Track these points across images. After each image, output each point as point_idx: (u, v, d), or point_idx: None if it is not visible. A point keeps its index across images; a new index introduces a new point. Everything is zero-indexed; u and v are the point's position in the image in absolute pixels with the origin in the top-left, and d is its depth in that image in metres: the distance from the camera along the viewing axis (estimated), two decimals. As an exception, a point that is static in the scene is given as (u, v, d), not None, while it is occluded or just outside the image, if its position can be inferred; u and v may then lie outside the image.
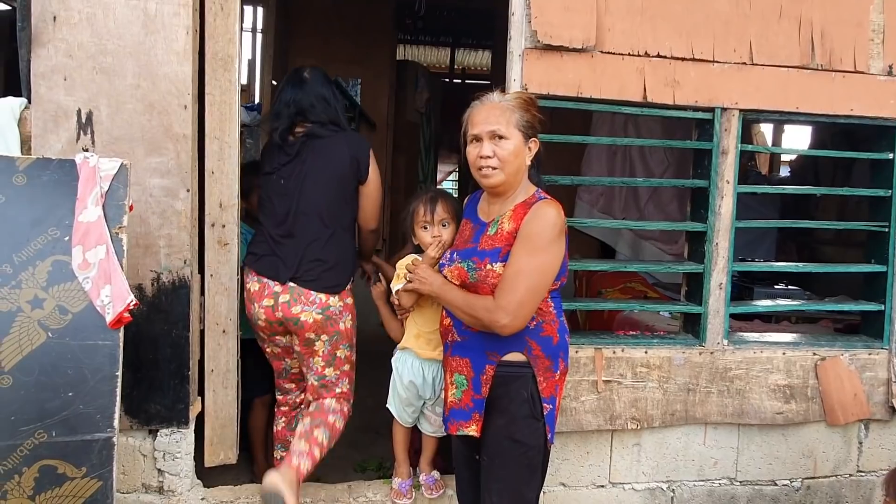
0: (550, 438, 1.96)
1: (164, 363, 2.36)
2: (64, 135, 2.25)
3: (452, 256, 2.05)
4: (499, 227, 1.96)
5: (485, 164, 1.93)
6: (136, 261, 2.29)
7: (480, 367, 1.94)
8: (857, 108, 2.72)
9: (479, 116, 1.95)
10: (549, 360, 1.94)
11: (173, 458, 2.41)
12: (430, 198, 2.27)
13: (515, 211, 1.94)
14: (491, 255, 1.92)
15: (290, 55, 5.82)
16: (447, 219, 2.24)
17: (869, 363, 2.80)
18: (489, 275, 1.91)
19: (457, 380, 2.00)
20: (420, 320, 2.35)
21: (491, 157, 1.92)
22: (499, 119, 1.92)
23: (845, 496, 2.85)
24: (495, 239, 1.95)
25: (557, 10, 2.47)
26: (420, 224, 2.27)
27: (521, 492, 1.95)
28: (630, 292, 3.99)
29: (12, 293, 1.92)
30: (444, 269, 2.06)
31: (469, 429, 1.97)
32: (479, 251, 1.96)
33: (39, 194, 1.98)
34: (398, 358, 2.44)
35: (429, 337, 2.33)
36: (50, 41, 2.22)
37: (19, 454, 1.87)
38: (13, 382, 1.89)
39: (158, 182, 2.31)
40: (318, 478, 2.85)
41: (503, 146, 1.92)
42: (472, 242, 2.02)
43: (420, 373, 2.37)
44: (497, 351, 1.93)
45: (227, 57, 2.41)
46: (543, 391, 1.93)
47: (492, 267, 1.91)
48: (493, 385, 1.93)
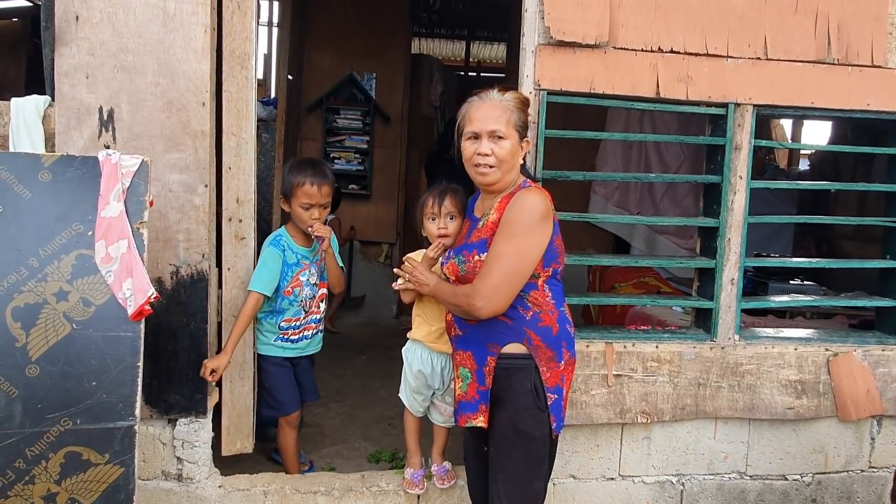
0: (556, 428, 1.99)
1: (182, 354, 2.42)
2: (86, 132, 2.31)
3: (449, 254, 2.12)
4: (486, 220, 2.02)
5: (483, 162, 1.97)
6: (156, 254, 2.35)
7: (482, 360, 1.98)
8: (874, 103, 2.69)
9: (480, 114, 1.97)
10: (551, 350, 1.97)
11: (192, 446, 2.48)
12: (440, 191, 2.32)
13: (501, 202, 2.00)
14: (478, 247, 1.98)
15: (306, 49, 5.87)
16: (454, 212, 2.29)
17: (882, 359, 2.79)
18: (476, 265, 1.96)
19: (462, 373, 2.05)
20: (427, 315, 2.42)
21: (489, 156, 1.96)
22: (499, 119, 1.95)
23: (857, 492, 2.85)
24: (482, 231, 2.01)
25: (570, 5, 2.48)
26: (428, 215, 2.32)
27: (528, 482, 1.98)
28: (643, 287, 3.99)
29: (39, 286, 1.99)
30: (443, 266, 2.13)
31: (477, 420, 2.01)
32: (468, 244, 2.03)
33: (64, 190, 2.04)
34: (408, 348, 2.50)
35: (440, 331, 2.38)
36: (73, 40, 2.28)
37: (46, 440, 1.95)
38: (40, 372, 1.96)
39: (177, 178, 2.37)
40: (332, 468, 2.92)
41: (502, 146, 1.96)
42: (466, 238, 2.09)
43: (429, 362, 2.43)
44: (497, 342, 1.96)
45: (243, 54, 2.45)
46: (547, 381, 1.96)
47: (479, 257, 1.96)
48: (497, 377, 1.96)
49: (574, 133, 2.72)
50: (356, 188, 6.00)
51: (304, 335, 2.65)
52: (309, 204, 2.51)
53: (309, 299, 2.62)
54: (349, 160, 6.00)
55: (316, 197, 2.52)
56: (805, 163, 6.93)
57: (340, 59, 5.89)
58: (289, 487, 2.56)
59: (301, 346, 2.65)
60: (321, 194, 2.53)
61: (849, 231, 4.68)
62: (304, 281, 2.59)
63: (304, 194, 2.51)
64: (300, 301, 2.59)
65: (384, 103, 5.97)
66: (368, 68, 5.97)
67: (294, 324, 2.61)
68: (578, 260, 2.74)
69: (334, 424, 3.49)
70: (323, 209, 2.56)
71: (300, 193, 2.51)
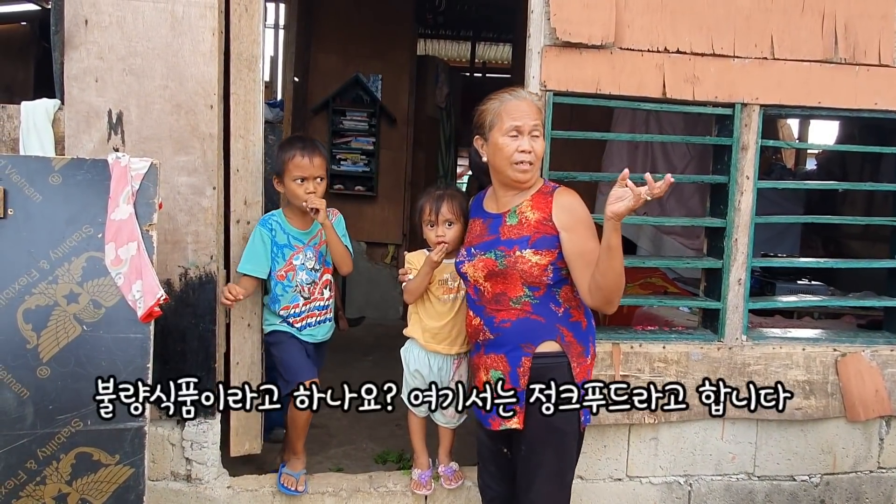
0: (585, 421, 2.02)
1: (191, 355, 2.44)
2: (96, 135, 2.33)
3: (471, 251, 2.07)
4: (520, 217, 2.00)
5: (524, 159, 1.96)
6: (165, 256, 2.36)
7: (517, 361, 1.98)
8: (881, 103, 2.68)
9: (521, 110, 1.97)
10: (581, 346, 2.00)
11: (200, 447, 2.50)
12: (437, 196, 2.30)
13: (535, 200, 2.00)
14: (519, 243, 1.97)
15: (312, 51, 5.89)
16: (452, 219, 2.28)
17: (891, 359, 2.77)
18: (518, 261, 1.95)
19: (493, 375, 2.03)
20: (423, 314, 2.42)
21: (530, 153, 1.96)
22: (537, 117, 1.99)
23: (865, 492, 2.84)
24: (521, 228, 1.99)
25: (576, 7, 2.48)
26: (426, 222, 2.32)
27: (562, 477, 2.01)
28: (650, 287, 3.99)
29: (49, 288, 2.00)
30: (463, 266, 2.09)
31: (512, 422, 2.00)
32: (505, 240, 2.00)
33: (74, 193, 2.06)
34: (406, 348, 2.50)
35: (434, 331, 2.38)
36: (82, 44, 2.30)
37: (57, 441, 1.96)
38: (51, 373, 1.98)
39: (186, 180, 2.38)
40: (340, 469, 2.93)
41: (539, 143, 1.99)
42: (491, 235, 2.05)
43: (426, 362, 2.43)
44: (531, 342, 1.97)
45: (251, 57, 2.46)
46: (577, 376, 1.97)
47: (521, 253, 1.95)
48: (532, 377, 1.96)
49: (580, 134, 2.72)
50: (362, 189, 6.01)
51: (308, 322, 2.53)
52: (301, 177, 2.42)
53: (307, 285, 2.50)
54: (355, 161, 6.01)
55: (308, 169, 2.42)
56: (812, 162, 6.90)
57: (346, 61, 5.90)
58: (297, 488, 2.57)
59: (306, 334, 2.53)
60: (313, 166, 2.43)
61: (857, 231, 4.66)
62: (298, 265, 2.48)
63: (296, 167, 2.42)
64: (295, 286, 2.48)
65: (390, 105, 5.98)
66: (374, 70, 5.98)
67: (294, 311, 2.50)
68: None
69: (341, 425, 3.50)
70: (317, 183, 2.45)
71: (292, 167, 2.42)
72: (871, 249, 4.34)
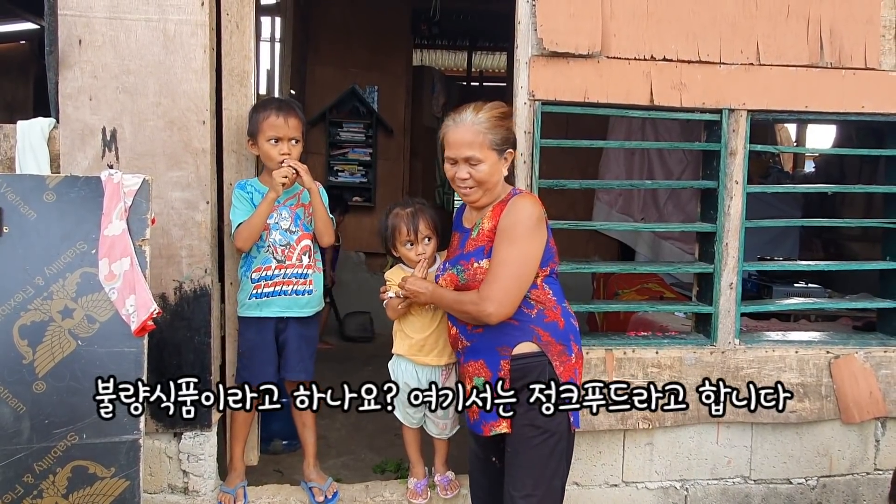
0: (574, 422, 2.01)
1: (187, 368, 2.45)
2: (90, 152, 2.37)
3: (445, 266, 2.14)
4: (479, 229, 2.05)
5: (462, 186, 2.04)
6: (160, 270, 2.39)
7: (496, 365, 2.00)
8: (868, 106, 2.70)
9: (454, 138, 2.01)
10: (561, 345, 2.01)
11: (197, 459, 2.51)
12: (411, 214, 2.31)
13: (493, 210, 2.04)
14: (476, 255, 2.02)
15: (309, 63, 5.94)
16: (429, 234, 2.31)
17: (885, 360, 2.78)
18: (477, 272, 2.00)
19: (477, 383, 2.05)
20: (408, 329, 2.41)
21: (467, 179, 2.02)
22: (472, 144, 1.99)
23: (862, 494, 2.83)
24: (478, 239, 2.04)
25: (563, 17, 2.51)
26: (403, 242, 2.32)
27: (546, 478, 1.98)
28: (646, 293, 4.00)
29: (44, 304, 2.04)
30: (438, 280, 2.15)
31: (500, 427, 2.00)
32: (465, 254, 2.06)
33: (68, 210, 2.10)
34: (393, 363, 2.50)
35: (420, 344, 2.38)
36: (76, 63, 2.34)
37: (53, 455, 1.99)
38: (47, 388, 2.01)
39: (179, 195, 2.42)
40: (338, 479, 2.94)
41: (478, 168, 2.01)
42: (459, 249, 2.12)
43: (414, 375, 2.42)
44: (507, 345, 1.99)
45: (242, 73, 2.50)
46: (562, 375, 1.98)
47: (479, 265, 2.00)
48: (512, 379, 1.98)
49: (570, 142, 2.74)
50: (360, 200, 6.05)
51: (283, 290, 2.42)
52: (275, 137, 2.35)
53: (281, 246, 2.41)
54: (353, 172, 6.06)
55: (283, 129, 2.35)
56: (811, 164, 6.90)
57: (342, 72, 5.96)
58: (294, 499, 2.58)
59: (280, 304, 2.42)
60: (288, 126, 2.36)
61: (856, 232, 4.66)
62: (271, 223, 2.40)
63: (270, 126, 2.35)
64: (267, 247, 2.41)
65: (387, 115, 6.03)
66: (370, 81, 6.04)
67: (265, 273, 2.41)
68: (577, 268, 2.76)
69: (340, 436, 3.51)
70: (291, 145, 2.38)
71: (266, 127, 2.35)
72: (871, 251, 4.33)
